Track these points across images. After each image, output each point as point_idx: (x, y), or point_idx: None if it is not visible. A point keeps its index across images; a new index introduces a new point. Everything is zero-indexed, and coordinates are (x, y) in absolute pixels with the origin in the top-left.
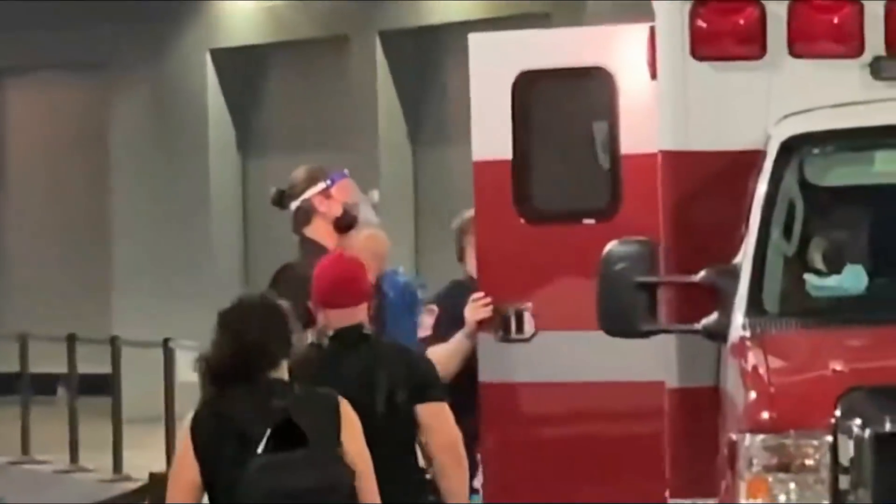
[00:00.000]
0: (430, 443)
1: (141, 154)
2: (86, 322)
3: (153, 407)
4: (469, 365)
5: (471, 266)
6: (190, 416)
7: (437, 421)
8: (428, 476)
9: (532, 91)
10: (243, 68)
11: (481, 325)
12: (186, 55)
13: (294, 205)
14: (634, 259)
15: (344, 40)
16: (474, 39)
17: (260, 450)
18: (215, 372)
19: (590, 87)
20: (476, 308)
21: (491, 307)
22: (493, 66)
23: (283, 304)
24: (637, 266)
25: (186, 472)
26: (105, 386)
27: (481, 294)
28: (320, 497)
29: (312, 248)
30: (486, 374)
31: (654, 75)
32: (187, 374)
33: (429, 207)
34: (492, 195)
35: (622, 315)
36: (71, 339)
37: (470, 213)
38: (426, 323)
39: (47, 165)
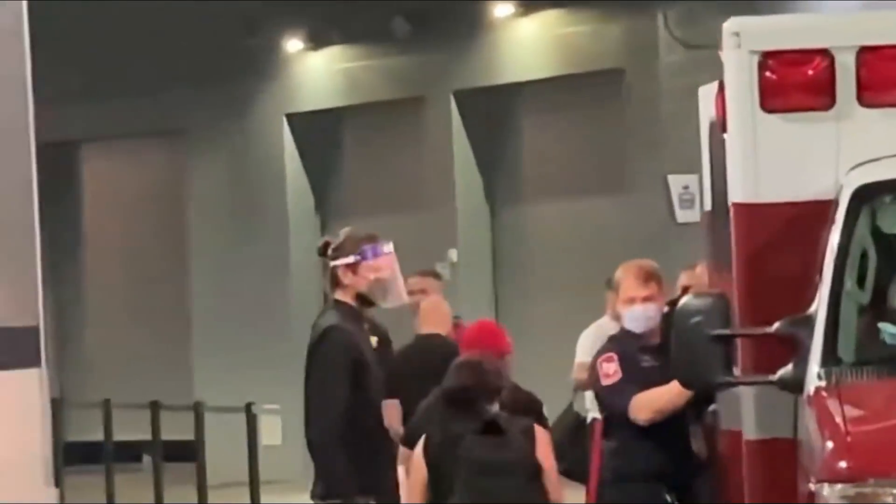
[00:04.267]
0: None
1: (220, 219)
2: (168, 389)
3: (237, 472)
4: None
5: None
6: (424, 437)
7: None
8: None
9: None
10: (320, 131)
11: None
12: (263, 120)
13: (328, 263)
14: (709, 312)
15: (419, 101)
16: (702, 91)
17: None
18: (451, 401)
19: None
20: None
21: None
22: (706, 117)
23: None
24: (711, 319)
25: (420, 475)
26: (189, 452)
27: None
28: (510, 470)
29: (344, 310)
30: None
31: (723, 128)
32: (270, 437)
33: (507, 266)
34: None
35: (698, 368)
36: (154, 406)
37: (617, 272)
38: (608, 370)
39: (127, 233)
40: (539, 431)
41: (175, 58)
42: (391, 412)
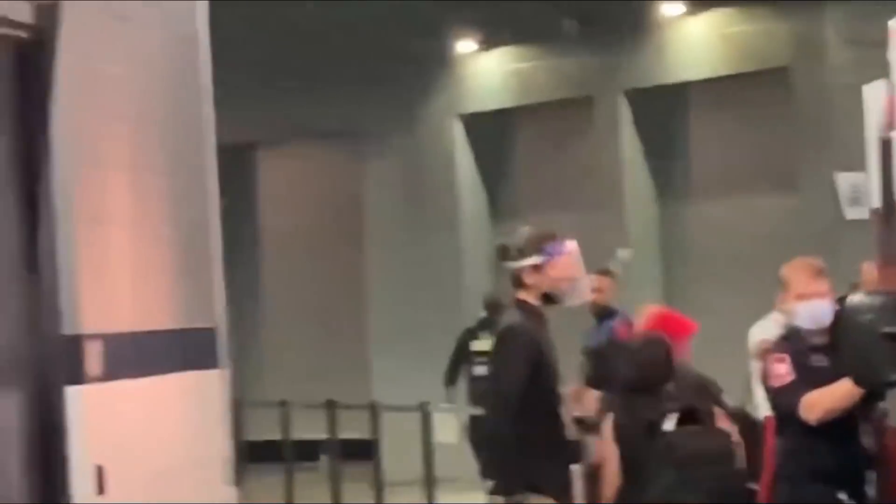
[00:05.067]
0: None
1: (394, 220)
2: (345, 388)
3: (413, 470)
4: None
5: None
6: (610, 421)
7: None
8: None
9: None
10: (492, 132)
11: None
12: (437, 121)
13: (508, 265)
14: (880, 310)
15: (589, 101)
16: (866, 90)
17: (668, 428)
18: (628, 386)
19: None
20: None
21: None
22: (872, 115)
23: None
24: (883, 317)
25: (613, 457)
26: (366, 450)
27: None
28: (714, 459)
29: (526, 309)
30: None
31: (890, 126)
32: (446, 436)
33: (676, 264)
34: None
35: (869, 366)
36: (331, 406)
37: (784, 270)
38: (779, 371)
39: (303, 234)
40: (721, 414)
41: (349, 60)
42: (590, 399)
